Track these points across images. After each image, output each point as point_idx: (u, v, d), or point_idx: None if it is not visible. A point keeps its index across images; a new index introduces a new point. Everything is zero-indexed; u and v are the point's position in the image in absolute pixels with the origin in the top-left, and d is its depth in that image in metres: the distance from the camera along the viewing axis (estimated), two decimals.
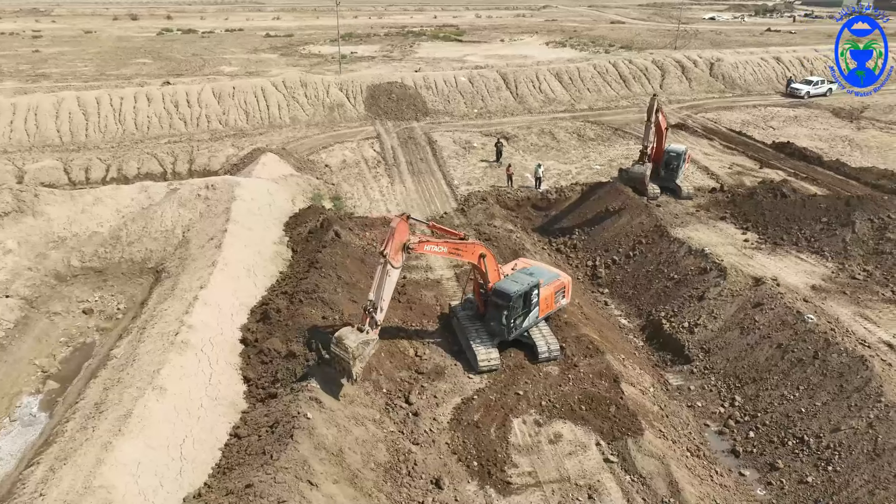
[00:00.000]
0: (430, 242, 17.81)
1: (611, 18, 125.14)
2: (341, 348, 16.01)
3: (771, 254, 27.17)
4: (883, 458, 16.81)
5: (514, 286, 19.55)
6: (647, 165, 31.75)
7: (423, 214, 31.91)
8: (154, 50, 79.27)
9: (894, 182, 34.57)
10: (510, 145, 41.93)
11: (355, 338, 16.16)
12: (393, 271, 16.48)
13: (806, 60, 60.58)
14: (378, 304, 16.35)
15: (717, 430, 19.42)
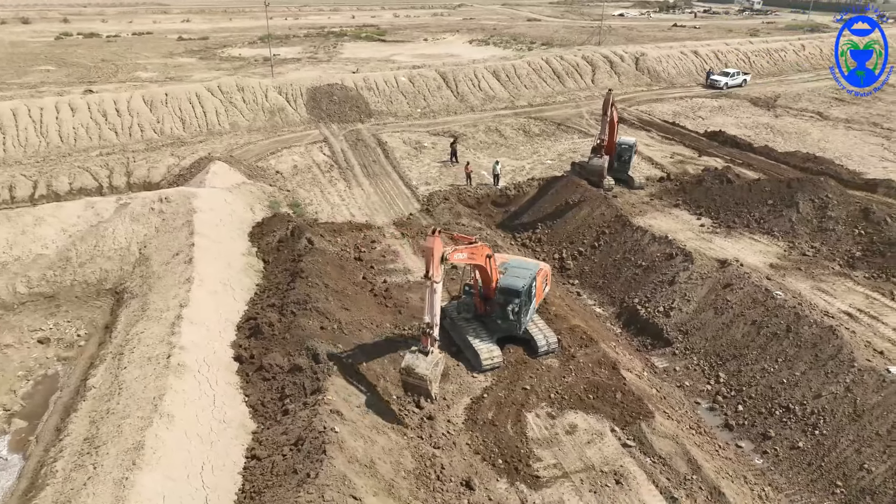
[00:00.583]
0: (457, 251, 17.61)
1: (527, 16, 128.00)
2: (415, 377, 16.46)
3: (727, 237, 28.82)
4: (864, 419, 18.25)
5: (519, 281, 19.84)
6: (604, 158, 32.84)
7: (388, 217, 31.66)
8: (55, 56, 74.10)
9: (819, 164, 37.48)
10: (460, 144, 42.17)
11: (425, 364, 16.49)
12: (438, 286, 16.27)
13: (720, 53, 64.39)
14: (433, 322, 16.24)
15: (707, 407, 20.43)
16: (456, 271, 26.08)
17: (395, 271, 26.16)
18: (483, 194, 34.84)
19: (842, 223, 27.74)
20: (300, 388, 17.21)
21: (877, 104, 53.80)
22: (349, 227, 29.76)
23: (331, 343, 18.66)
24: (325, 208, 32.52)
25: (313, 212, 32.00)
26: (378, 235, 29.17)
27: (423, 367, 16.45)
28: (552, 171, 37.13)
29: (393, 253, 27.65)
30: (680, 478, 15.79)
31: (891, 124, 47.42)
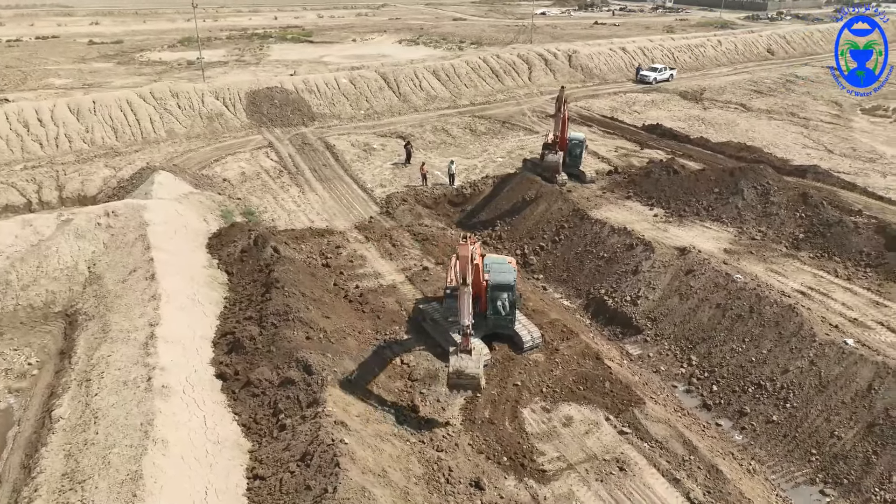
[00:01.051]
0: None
1: (452, 16, 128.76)
2: (466, 378, 17.01)
3: (680, 225, 30.07)
4: (830, 389, 19.53)
5: (508, 275, 20.09)
6: (559, 154, 33.54)
7: (348, 221, 31.16)
8: None
9: (751, 153, 39.74)
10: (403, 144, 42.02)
11: (472, 363, 17.05)
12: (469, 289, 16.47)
13: (646, 50, 67.05)
14: (470, 323, 16.77)
15: (684, 390, 21.27)
16: (428, 272, 26.03)
17: (365, 276, 25.78)
18: (440, 194, 34.86)
19: (784, 207, 29.51)
20: (294, 402, 16.71)
21: (791, 95, 57.59)
22: (311, 233, 29.10)
23: (319, 353, 18.21)
24: (282, 215, 31.65)
25: (269, 219, 31.08)
26: (342, 241, 28.65)
27: (472, 366, 17.03)
28: (504, 169, 37.60)
29: (360, 258, 27.24)
30: (678, 459, 16.41)
31: (806, 114, 50.88)
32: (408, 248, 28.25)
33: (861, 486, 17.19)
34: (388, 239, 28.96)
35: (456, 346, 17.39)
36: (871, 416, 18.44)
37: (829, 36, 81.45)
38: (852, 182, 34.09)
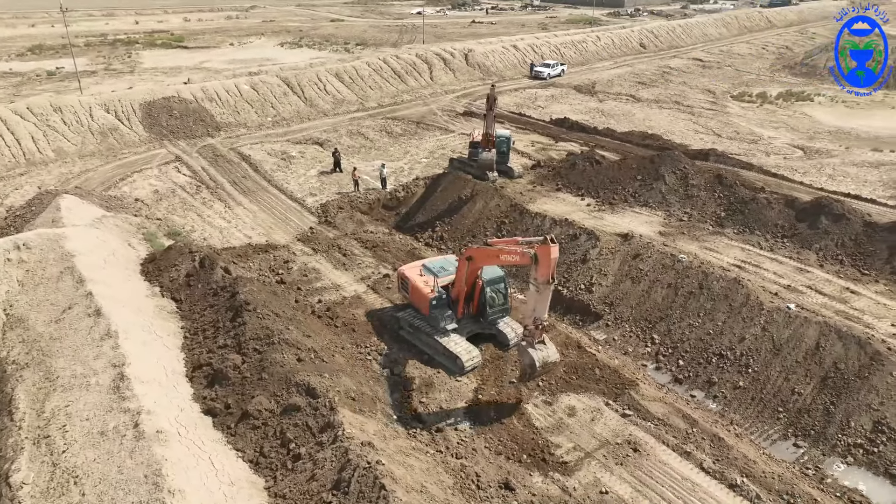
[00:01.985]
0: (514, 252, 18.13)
1: (328, 17, 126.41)
2: (548, 367, 18.19)
3: (613, 213, 31.66)
4: (784, 351, 21.49)
5: (497, 270, 20.25)
6: (493, 151, 34.11)
7: (288, 234, 29.82)
8: None
9: (655, 140, 42.61)
10: (326, 150, 40.94)
11: (552, 351, 18.28)
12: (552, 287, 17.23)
13: (535, 47, 69.72)
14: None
15: (654, 368, 22.49)
16: (389, 280, 25.55)
17: (325, 289, 24.86)
18: (373, 199, 34.31)
19: (703, 189, 31.97)
20: (304, 429, 15.83)
21: (669, 85, 62.37)
22: (253, 249, 27.57)
23: (316, 374, 17.36)
24: (213, 233, 29.68)
25: (200, 238, 29.03)
26: (288, 255, 27.40)
27: (553, 354, 18.19)
28: (432, 170, 37.66)
29: (313, 270, 26.21)
30: (683, 434, 17.40)
31: (689, 102, 55.36)
32: (360, 257, 27.58)
33: (826, 434, 19.08)
34: (337, 249, 28.09)
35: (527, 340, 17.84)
36: (823, 370, 20.52)
37: (688, 30, 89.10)
38: (749, 162, 37.54)
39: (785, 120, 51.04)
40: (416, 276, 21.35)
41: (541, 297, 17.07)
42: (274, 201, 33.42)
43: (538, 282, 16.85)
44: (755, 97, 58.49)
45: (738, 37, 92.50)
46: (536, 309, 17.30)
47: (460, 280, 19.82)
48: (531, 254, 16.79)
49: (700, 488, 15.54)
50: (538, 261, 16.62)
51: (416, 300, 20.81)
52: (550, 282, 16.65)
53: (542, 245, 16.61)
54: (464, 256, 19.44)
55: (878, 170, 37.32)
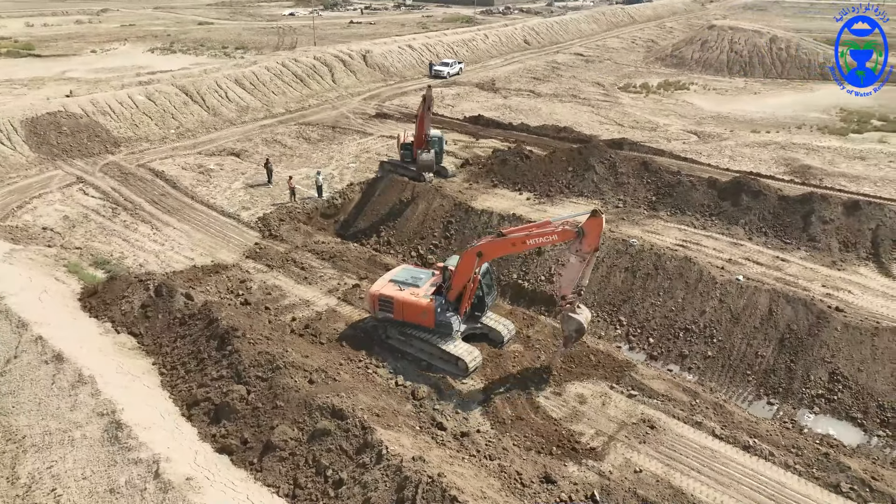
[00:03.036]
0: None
1: (195, 20, 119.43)
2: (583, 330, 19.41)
3: (553, 204, 32.84)
4: (742, 319, 23.46)
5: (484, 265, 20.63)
6: (432, 152, 34.12)
7: (233, 252, 28.09)
8: None
9: (569, 132, 44.64)
10: (245, 160, 38.97)
11: (586, 313, 19.62)
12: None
13: (430, 46, 70.27)
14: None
15: (628, 349, 23.76)
16: (360, 289, 24.86)
17: (294, 306, 23.74)
18: (311, 208, 33.16)
19: (632, 176, 34.01)
20: (339, 452, 15.15)
21: (562, 80, 65.43)
22: (202, 272, 25.69)
23: (334, 394, 16.63)
24: (147, 258, 27.28)
25: (135, 265, 26.59)
26: (242, 274, 25.84)
27: (588, 316, 19.78)
28: (363, 174, 37.04)
29: (275, 288, 24.93)
30: (688, 406, 18.57)
31: (585, 95, 58.44)
32: (319, 269, 26.61)
33: (792, 390, 21.14)
34: (293, 263, 26.92)
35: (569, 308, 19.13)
36: (779, 333, 22.68)
37: (565, 27, 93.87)
38: (660, 148, 40.40)
39: (671, 108, 55.37)
40: (398, 293, 20.57)
41: (587, 265, 18.48)
42: (205, 218, 31.30)
43: (584, 252, 18.07)
44: (639, 88, 62.87)
45: (608, 32, 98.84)
46: (583, 276, 18.70)
47: (465, 278, 19.70)
48: (576, 229, 17.87)
49: (719, 454, 16.71)
50: (586, 233, 17.72)
51: (410, 315, 20.18)
52: (597, 250, 18.34)
53: (593, 217, 17.78)
54: (471, 253, 19.34)
55: (766, 149, 41.61)
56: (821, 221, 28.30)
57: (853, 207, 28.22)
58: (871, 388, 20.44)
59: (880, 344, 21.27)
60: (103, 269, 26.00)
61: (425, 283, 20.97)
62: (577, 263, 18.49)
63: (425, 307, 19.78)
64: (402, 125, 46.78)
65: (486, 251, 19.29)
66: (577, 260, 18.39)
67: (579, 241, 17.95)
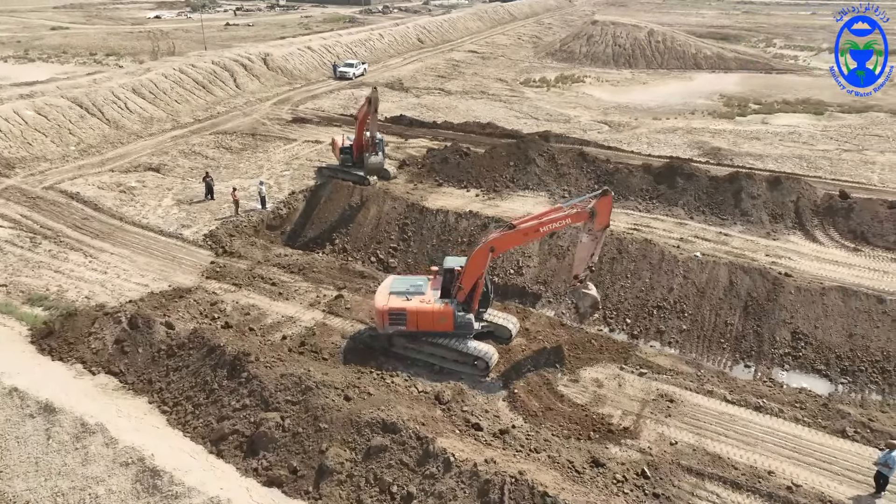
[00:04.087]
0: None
1: (46, 24, 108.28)
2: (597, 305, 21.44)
3: (504, 199, 33.52)
4: (707, 292, 25.34)
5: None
6: (380, 154, 33.55)
7: (189, 274, 26.09)
8: None
9: (493, 128, 45.57)
10: (167, 175, 36.27)
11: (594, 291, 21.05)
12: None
13: (329, 47, 68.68)
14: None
15: (609, 330, 24.93)
16: (343, 300, 24.05)
17: (279, 324, 22.53)
18: (257, 220, 31.53)
19: (571, 167, 35.45)
20: (400, 467, 14.75)
21: (465, 77, 66.57)
22: (164, 298, 23.63)
23: (377, 408, 16.11)
24: (93, 289, 24.64)
25: (79, 297, 23.91)
26: (209, 296, 24.08)
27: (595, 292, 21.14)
28: (301, 182, 35.77)
29: (252, 307, 23.51)
30: (695, 377, 19.83)
31: (493, 91, 59.87)
32: (291, 283, 25.44)
33: (762, 352, 23.23)
34: (261, 279, 25.52)
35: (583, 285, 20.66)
36: (742, 301, 24.77)
37: (453, 25, 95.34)
38: (583, 139, 42.38)
39: (574, 100, 58.16)
40: (409, 304, 19.88)
41: (598, 244, 19.82)
42: (143, 241, 28.79)
43: (595, 231, 19.31)
44: (539, 82, 65.38)
45: (493, 29, 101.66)
46: (595, 255, 20.05)
47: (476, 276, 19.67)
48: (588, 209, 18.87)
49: (736, 417, 18.05)
50: (597, 212, 18.79)
51: (427, 323, 19.70)
52: (608, 227, 19.70)
53: (603, 197, 19.00)
54: (484, 249, 19.34)
55: (675, 134, 44.94)
56: (750, 197, 31.13)
57: (775, 183, 31.30)
58: (828, 342, 22.93)
59: (829, 302, 23.87)
60: (42, 307, 23.20)
61: (427, 288, 20.69)
62: (589, 243, 19.58)
63: (444, 312, 19.53)
64: (323, 129, 45.65)
65: (499, 245, 19.47)
66: (590, 239, 19.48)
67: (591, 221, 18.83)
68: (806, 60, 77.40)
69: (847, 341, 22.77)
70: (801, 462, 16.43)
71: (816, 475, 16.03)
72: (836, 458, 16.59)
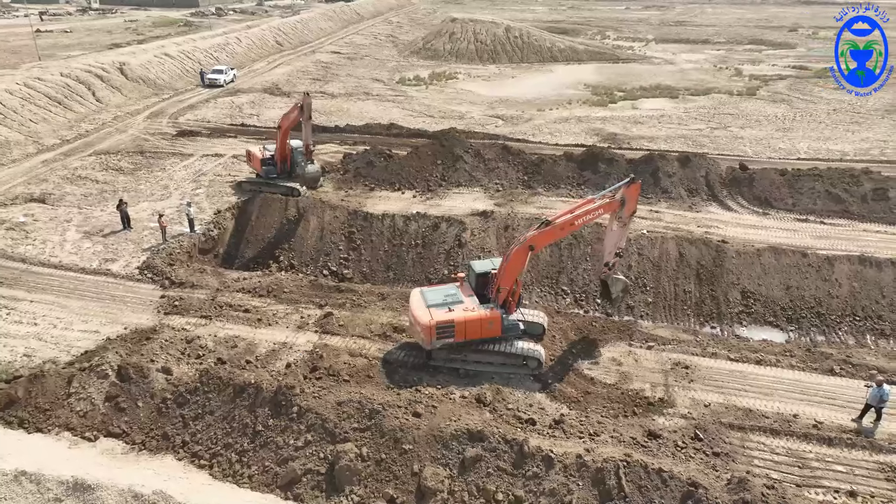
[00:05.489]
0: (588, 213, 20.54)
1: None
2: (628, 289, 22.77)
3: (441, 198, 33.52)
4: (661, 265, 27.39)
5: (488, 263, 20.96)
6: (315, 164, 31.97)
7: (141, 313, 23.18)
8: None
9: (399, 128, 45.27)
10: (57, 205, 31.73)
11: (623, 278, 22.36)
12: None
13: (188, 53, 63.44)
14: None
15: (583, 312, 26.05)
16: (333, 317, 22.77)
17: (275, 353, 20.81)
18: (189, 245, 28.74)
19: (498, 161, 36.33)
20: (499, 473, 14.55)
21: (341, 78, 65.16)
22: (130, 342, 20.80)
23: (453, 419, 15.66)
24: (30, 344, 20.96)
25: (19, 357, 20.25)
26: (179, 333, 21.59)
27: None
28: (221, 199, 33.14)
29: (234, 338, 21.45)
30: (697, 343, 21.60)
31: (377, 92, 59.26)
32: (265, 308, 23.61)
33: (721, 313, 25.78)
34: (229, 308, 23.40)
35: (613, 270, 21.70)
36: (693, 270, 27.22)
37: (308, 26, 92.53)
38: (494, 133, 43.58)
39: (457, 96, 59.43)
40: (455, 315, 19.13)
41: (626, 230, 21.06)
42: (65, 282, 25.02)
43: (625, 218, 20.42)
44: (414, 80, 65.87)
45: (345, 29, 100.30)
46: (621, 241, 21.22)
47: (515, 276, 19.61)
48: (618, 198, 19.70)
49: (746, 373, 19.96)
50: (627, 200, 19.73)
51: (475, 331, 19.16)
52: (635, 212, 20.99)
53: (632, 185, 20.02)
54: (523, 248, 19.26)
55: (568, 123, 47.78)
56: (666, 175, 34.17)
57: (685, 161, 34.63)
58: (771, 297, 26.01)
59: (765, 261, 27.04)
60: None
61: (463, 296, 20.17)
62: (619, 230, 20.66)
63: (493, 317, 19.23)
64: (218, 141, 42.55)
65: (538, 242, 19.61)
66: (619, 226, 20.54)
67: (621, 209, 19.81)
68: (641, 50, 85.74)
69: (786, 293, 26.00)
70: (811, 401, 18.67)
71: (827, 410, 18.32)
72: (835, 393, 19.04)
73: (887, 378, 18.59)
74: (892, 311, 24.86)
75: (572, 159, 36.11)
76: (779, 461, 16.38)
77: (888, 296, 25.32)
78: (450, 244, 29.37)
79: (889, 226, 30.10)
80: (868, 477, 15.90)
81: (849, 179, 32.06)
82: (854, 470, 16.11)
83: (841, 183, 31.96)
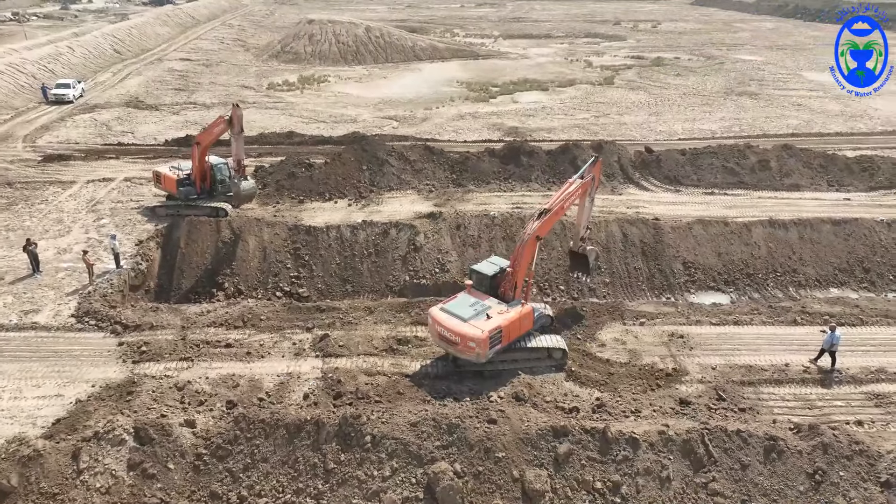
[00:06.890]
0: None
1: None
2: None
3: (379, 204, 32.71)
4: (610, 246, 29.18)
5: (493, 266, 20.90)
6: (250, 180, 29.68)
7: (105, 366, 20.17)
8: None
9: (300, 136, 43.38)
10: None
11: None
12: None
13: (17, 66, 55.04)
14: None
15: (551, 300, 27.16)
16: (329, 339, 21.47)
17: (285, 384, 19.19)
18: (119, 282, 25.47)
19: (424, 161, 36.18)
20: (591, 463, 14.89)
21: (203, 87, 60.60)
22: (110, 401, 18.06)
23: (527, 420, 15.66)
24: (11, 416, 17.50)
25: None
26: (161, 382, 19.08)
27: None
28: (133, 228, 29.75)
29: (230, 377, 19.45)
30: (681, 314, 23.46)
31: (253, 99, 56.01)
32: (247, 339, 21.68)
33: (671, 284, 28.15)
34: (208, 346, 21.17)
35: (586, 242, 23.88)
36: (638, 249, 29.35)
37: (144, 32, 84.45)
38: (404, 135, 43.21)
39: (337, 99, 58.03)
40: (496, 321, 18.66)
41: (593, 203, 23.62)
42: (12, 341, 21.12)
43: (594, 193, 22.98)
44: (284, 85, 63.17)
45: (185, 34, 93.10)
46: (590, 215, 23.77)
47: (528, 266, 19.83)
48: (590, 177, 22.26)
49: (730, 333, 22.12)
50: (595, 177, 22.55)
51: (516, 332, 19.15)
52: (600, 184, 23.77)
53: (595, 164, 22.61)
54: (532, 240, 19.50)
55: (465, 120, 48.76)
56: (584, 163, 36.23)
57: (598, 148, 36.97)
58: (708, 264, 28.88)
59: (696, 233, 29.88)
60: None
61: (485, 301, 19.73)
62: (589, 205, 23.17)
63: (526, 313, 19.28)
64: (97, 164, 38.03)
65: (543, 231, 20.09)
66: (590, 201, 23.00)
67: (592, 186, 22.05)
68: (494, 46, 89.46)
69: (719, 259, 29.02)
70: (789, 350, 21.16)
71: (805, 356, 20.87)
72: (804, 340, 21.74)
73: (838, 322, 21.70)
74: (803, 265, 28.78)
75: (495, 155, 37.07)
76: (792, 406, 18.46)
77: (797, 251, 29.26)
78: (404, 249, 28.94)
79: (775, 192, 34.66)
80: (863, 406, 18.46)
81: (737, 154, 36.39)
82: (851, 403, 18.62)
83: (732, 158, 36.20)
